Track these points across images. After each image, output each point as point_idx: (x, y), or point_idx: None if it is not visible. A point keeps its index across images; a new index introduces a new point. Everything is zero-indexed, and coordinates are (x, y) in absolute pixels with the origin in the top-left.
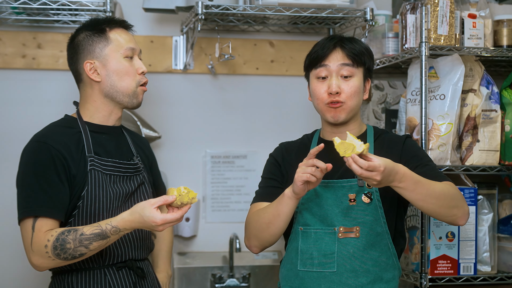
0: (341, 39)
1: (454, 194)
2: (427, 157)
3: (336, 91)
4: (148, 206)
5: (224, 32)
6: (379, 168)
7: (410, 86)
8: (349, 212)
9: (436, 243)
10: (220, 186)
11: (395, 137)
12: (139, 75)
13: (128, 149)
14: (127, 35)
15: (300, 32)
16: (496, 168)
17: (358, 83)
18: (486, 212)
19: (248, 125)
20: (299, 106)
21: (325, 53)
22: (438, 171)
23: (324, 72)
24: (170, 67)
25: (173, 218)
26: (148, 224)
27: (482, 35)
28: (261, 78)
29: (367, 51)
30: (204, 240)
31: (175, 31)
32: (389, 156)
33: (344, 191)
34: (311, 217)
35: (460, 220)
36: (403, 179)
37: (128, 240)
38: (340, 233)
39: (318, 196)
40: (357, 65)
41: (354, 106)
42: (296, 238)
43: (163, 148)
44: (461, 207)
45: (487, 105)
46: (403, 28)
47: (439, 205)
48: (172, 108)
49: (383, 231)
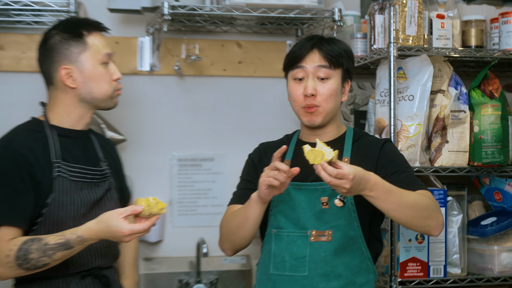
0: (320, 39)
1: (428, 204)
2: (405, 163)
3: (312, 93)
4: (116, 215)
5: (190, 33)
6: (348, 176)
7: (378, 87)
8: (321, 215)
9: (405, 246)
10: (187, 190)
11: (374, 141)
12: (114, 82)
13: (95, 154)
14: (104, 39)
15: (268, 33)
16: (465, 169)
17: (335, 85)
18: (456, 214)
19: (216, 127)
20: (267, 108)
21: (302, 53)
22: (415, 179)
23: (300, 73)
24: (135, 69)
25: (141, 229)
26: (115, 234)
27: (451, 35)
28: (228, 79)
29: (347, 52)
30: (170, 245)
31: (141, 32)
32: (365, 160)
33: (317, 194)
34: (284, 220)
35: (433, 231)
36: (374, 188)
37: (94, 248)
38: (312, 236)
39: (292, 199)
40: (334, 67)
41: (331, 109)
42: (270, 241)
43: (129, 151)
44: (434, 217)
45: (456, 106)
46: (371, 29)
47: (412, 215)
48: (137, 110)
49: (357, 235)
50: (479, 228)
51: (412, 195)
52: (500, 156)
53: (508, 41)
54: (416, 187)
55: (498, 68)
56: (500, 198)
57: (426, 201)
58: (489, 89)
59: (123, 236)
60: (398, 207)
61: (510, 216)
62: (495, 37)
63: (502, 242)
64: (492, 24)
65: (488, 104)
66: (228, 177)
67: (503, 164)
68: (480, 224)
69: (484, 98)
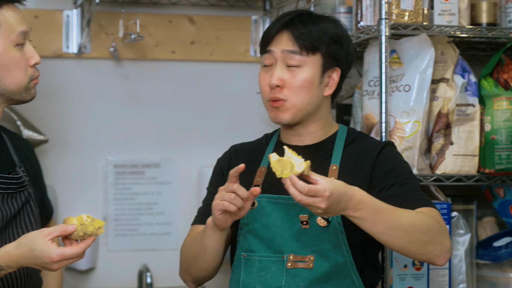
0: (297, 16)
1: (430, 226)
2: (408, 173)
3: (276, 84)
4: (41, 237)
5: (130, 5)
6: (323, 193)
7: (366, 75)
8: (301, 236)
9: (400, 273)
10: (126, 204)
11: (371, 144)
12: (31, 68)
13: (8, 157)
14: (18, 14)
15: (227, 6)
16: (474, 177)
17: (307, 75)
18: (462, 233)
19: (162, 124)
20: (228, 101)
21: (270, 35)
22: (419, 193)
23: (268, 59)
24: (60, 50)
25: (73, 253)
26: (41, 260)
27: (456, 10)
28: (178, 64)
29: (331, 34)
30: (105, 273)
31: (67, 3)
32: (358, 169)
33: (296, 211)
34: (256, 241)
35: (437, 259)
36: (359, 207)
37: (10, 277)
38: (290, 262)
39: (266, 215)
40: (308, 53)
41: (302, 104)
42: (239, 267)
43: (51, 155)
44: (438, 242)
45: (463, 99)
46: (357, 1)
47: (409, 240)
48: (62, 103)
49: (346, 261)
50: (491, 251)
51: (409, 215)
52: None
53: None
54: (418, 203)
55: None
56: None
57: (428, 222)
58: (504, 78)
59: (51, 263)
60: (390, 230)
61: None
62: (511, 13)
63: None
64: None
65: (502, 97)
66: (177, 188)
67: None
68: (493, 246)
69: (497, 89)
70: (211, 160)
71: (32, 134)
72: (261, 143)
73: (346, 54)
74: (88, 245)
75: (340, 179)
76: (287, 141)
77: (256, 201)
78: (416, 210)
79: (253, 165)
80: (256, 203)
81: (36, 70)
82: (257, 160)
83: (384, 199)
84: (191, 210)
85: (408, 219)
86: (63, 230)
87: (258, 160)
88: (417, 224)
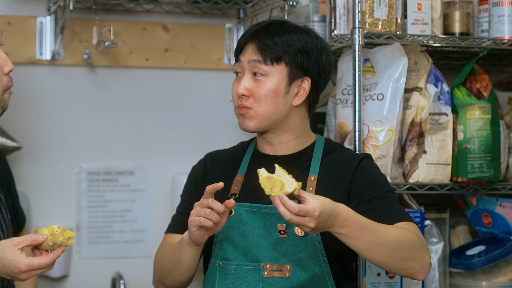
0: (266, 26)
1: (412, 242)
2: (386, 186)
3: (242, 93)
4: (10, 246)
5: (104, 12)
6: (313, 213)
7: (340, 83)
8: (278, 246)
9: (373, 281)
10: (99, 211)
11: (349, 156)
12: (5, 77)
13: None
14: None
15: (202, 14)
16: (447, 186)
17: (272, 84)
18: (435, 242)
19: (136, 132)
20: (202, 108)
21: (240, 44)
22: (397, 208)
23: (238, 68)
24: (33, 57)
25: (42, 264)
26: (9, 270)
27: (429, 20)
28: (152, 71)
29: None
30: (78, 281)
31: (40, 10)
32: (337, 181)
33: (273, 220)
34: (232, 250)
35: (418, 274)
36: (345, 224)
37: None
38: (266, 271)
39: (243, 223)
40: (272, 62)
41: (267, 113)
42: (213, 276)
43: (24, 161)
44: (419, 258)
45: (436, 108)
46: (331, 10)
47: (392, 256)
48: (36, 110)
49: (323, 271)
50: (464, 260)
51: (393, 232)
52: (490, 170)
53: (500, 28)
54: (397, 217)
55: (487, 61)
56: (490, 222)
57: (410, 238)
58: (477, 87)
59: (20, 273)
60: (374, 247)
61: (502, 245)
62: (484, 22)
63: (492, 276)
64: (480, 6)
65: (475, 106)
66: (151, 196)
67: (494, 180)
68: (465, 255)
69: (470, 98)
70: (185, 167)
71: (5, 141)
72: (237, 151)
73: (317, 64)
74: (57, 255)
75: (318, 190)
76: (263, 151)
77: (233, 210)
78: (396, 224)
79: (229, 173)
80: (233, 211)
81: (10, 80)
82: (233, 168)
83: (363, 212)
84: (165, 217)
85: (392, 236)
86: (32, 240)
87: (235, 168)
88: (400, 241)
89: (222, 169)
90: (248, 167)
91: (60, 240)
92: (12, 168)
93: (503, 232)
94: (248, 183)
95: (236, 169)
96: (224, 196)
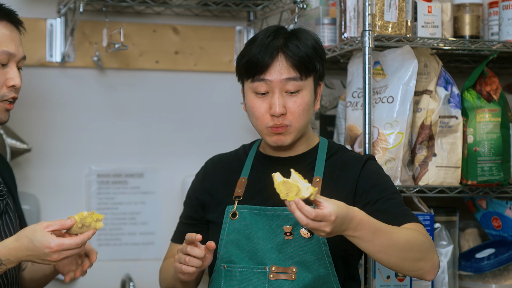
0: (286, 38)
1: (422, 243)
2: (392, 187)
3: (281, 113)
4: (40, 228)
5: (114, 14)
6: (329, 218)
7: (350, 86)
8: (284, 248)
9: (383, 284)
10: (109, 214)
11: (353, 158)
12: (6, 88)
13: None
14: (11, 34)
15: (212, 16)
16: (457, 189)
17: (308, 98)
18: (445, 244)
19: (146, 134)
20: (212, 111)
21: (265, 62)
22: (404, 209)
23: (263, 87)
24: (43, 59)
25: (72, 244)
26: (40, 251)
27: (440, 22)
28: (162, 74)
29: (316, 50)
30: (87, 283)
31: (51, 12)
32: (342, 183)
33: (279, 222)
34: (237, 252)
35: (427, 275)
36: (359, 227)
37: None
38: (272, 273)
39: (248, 226)
40: (306, 76)
41: (304, 126)
42: (218, 279)
43: (34, 163)
44: (429, 259)
45: (446, 110)
46: (341, 13)
47: (403, 258)
48: (46, 112)
49: (328, 273)
50: (473, 262)
51: (404, 233)
52: (500, 173)
53: (510, 30)
54: (404, 219)
55: (497, 64)
56: (500, 225)
57: (420, 240)
58: (487, 90)
59: (50, 253)
60: (387, 249)
61: (511, 248)
62: (494, 26)
63: (501, 279)
64: (490, 9)
65: (485, 109)
66: (161, 198)
67: (503, 183)
68: (475, 257)
69: (480, 101)
70: (194, 170)
71: (15, 143)
72: (239, 154)
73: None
74: (87, 237)
75: (324, 191)
76: (266, 152)
77: (237, 212)
78: (403, 226)
79: (232, 176)
80: (237, 214)
81: (12, 91)
82: (236, 171)
83: (370, 214)
84: (174, 219)
85: (404, 238)
86: (61, 224)
87: (238, 171)
88: (412, 242)
89: (225, 172)
90: (251, 169)
91: (88, 221)
92: (22, 170)
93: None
94: (251, 185)
95: (239, 171)
96: (228, 200)
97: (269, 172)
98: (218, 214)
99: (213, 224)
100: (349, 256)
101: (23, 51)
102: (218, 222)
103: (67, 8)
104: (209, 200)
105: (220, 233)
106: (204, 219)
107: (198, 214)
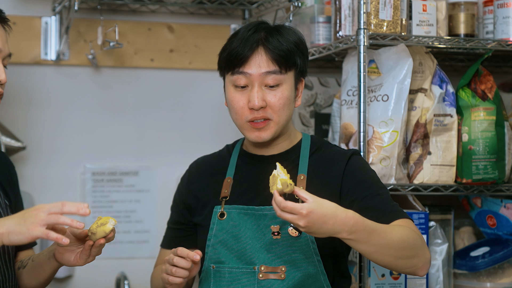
0: (267, 32)
1: (415, 241)
2: (378, 182)
3: (260, 106)
4: None
5: (109, 12)
6: (299, 211)
7: (345, 84)
8: (272, 247)
9: (378, 282)
10: (104, 212)
11: (337, 153)
12: None
13: None
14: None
15: (207, 14)
16: (452, 187)
17: (288, 92)
18: (440, 243)
19: (141, 132)
20: (207, 109)
21: (244, 55)
22: (392, 204)
23: (243, 80)
24: (38, 57)
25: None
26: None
27: (435, 21)
28: (157, 72)
29: (298, 45)
30: (82, 281)
31: (45, 10)
32: (327, 179)
33: (266, 221)
34: (226, 253)
35: (420, 271)
36: (353, 230)
37: None
38: (261, 273)
39: (236, 226)
40: (286, 70)
41: (284, 121)
42: (207, 279)
43: (29, 162)
44: (421, 255)
45: (441, 109)
46: (336, 11)
47: (397, 256)
48: (40, 110)
49: (317, 271)
50: (468, 261)
51: (398, 232)
52: (494, 171)
53: (505, 29)
54: (394, 215)
55: (492, 63)
56: (494, 224)
57: (413, 237)
58: (481, 89)
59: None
60: (382, 249)
61: (506, 246)
62: (489, 24)
63: (496, 277)
64: (485, 8)
65: (480, 107)
66: (156, 196)
67: (498, 182)
68: (470, 256)
69: (475, 100)
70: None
71: (9, 141)
72: (223, 154)
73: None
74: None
75: (309, 188)
76: (250, 151)
77: (225, 212)
78: (393, 222)
79: (218, 177)
80: (225, 214)
81: None
82: (221, 172)
83: (358, 211)
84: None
85: (398, 237)
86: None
87: (223, 171)
88: (405, 240)
89: (210, 174)
90: (236, 168)
91: (94, 227)
92: (17, 168)
93: (508, 233)
94: (237, 185)
95: (224, 172)
96: (215, 201)
97: (253, 171)
98: (205, 216)
99: (200, 227)
100: (338, 254)
101: (9, 49)
102: (205, 224)
103: (62, 6)
104: (196, 203)
105: (208, 233)
106: (191, 223)
107: (185, 218)
